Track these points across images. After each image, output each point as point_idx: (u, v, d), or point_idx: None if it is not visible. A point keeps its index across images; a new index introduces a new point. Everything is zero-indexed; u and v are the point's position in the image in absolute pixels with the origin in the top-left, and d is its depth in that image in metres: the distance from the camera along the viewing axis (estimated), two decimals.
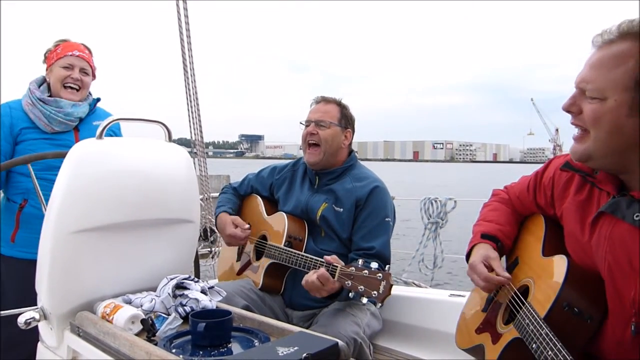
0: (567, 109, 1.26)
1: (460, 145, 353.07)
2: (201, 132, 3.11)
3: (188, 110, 3.04)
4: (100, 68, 2.54)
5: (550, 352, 1.19)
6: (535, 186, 1.57)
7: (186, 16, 2.88)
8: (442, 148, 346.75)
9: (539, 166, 1.59)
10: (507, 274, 1.48)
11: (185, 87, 3.02)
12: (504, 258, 1.66)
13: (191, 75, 3.00)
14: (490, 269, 1.51)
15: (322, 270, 1.84)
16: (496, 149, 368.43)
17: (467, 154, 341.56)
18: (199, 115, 3.06)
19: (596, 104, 1.18)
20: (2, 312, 1.75)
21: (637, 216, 1.19)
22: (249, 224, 2.43)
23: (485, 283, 1.50)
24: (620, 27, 1.20)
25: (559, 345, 1.19)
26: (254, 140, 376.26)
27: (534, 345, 1.26)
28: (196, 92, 3.01)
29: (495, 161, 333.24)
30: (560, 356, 1.17)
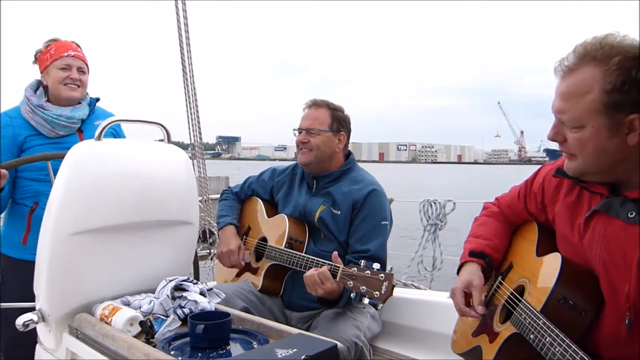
0: (553, 138, 1.32)
1: (422, 146, 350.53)
2: (200, 133, 3.11)
3: (187, 112, 3.04)
4: (97, 68, 2.52)
5: (548, 338, 1.24)
6: (525, 194, 1.61)
7: (185, 17, 2.89)
8: (405, 149, 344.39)
9: (502, 167, 1.60)
10: (481, 309, 1.53)
11: (185, 88, 3.02)
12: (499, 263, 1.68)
13: (190, 77, 3.00)
14: (470, 296, 1.56)
15: (325, 268, 1.85)
16: (461, 150, 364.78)
17: (428, 156, 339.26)
18: (198, 117, 3.07)
19: (576, 132, 1.25)
20: (2, 303, 1.74)
21: (631, 214, 1.23)
22: (248, 226, 2.43)
23: (460, 313, 1.60)
24: (576, 51, 1.24)
25: (556, 331, 1.23)
26: (230, 141, 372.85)
27: (531, 336, 1.29)
28: (195, 94, 3.02)
29: (459, 162, 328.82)
30: (558, 340, 1.21)
